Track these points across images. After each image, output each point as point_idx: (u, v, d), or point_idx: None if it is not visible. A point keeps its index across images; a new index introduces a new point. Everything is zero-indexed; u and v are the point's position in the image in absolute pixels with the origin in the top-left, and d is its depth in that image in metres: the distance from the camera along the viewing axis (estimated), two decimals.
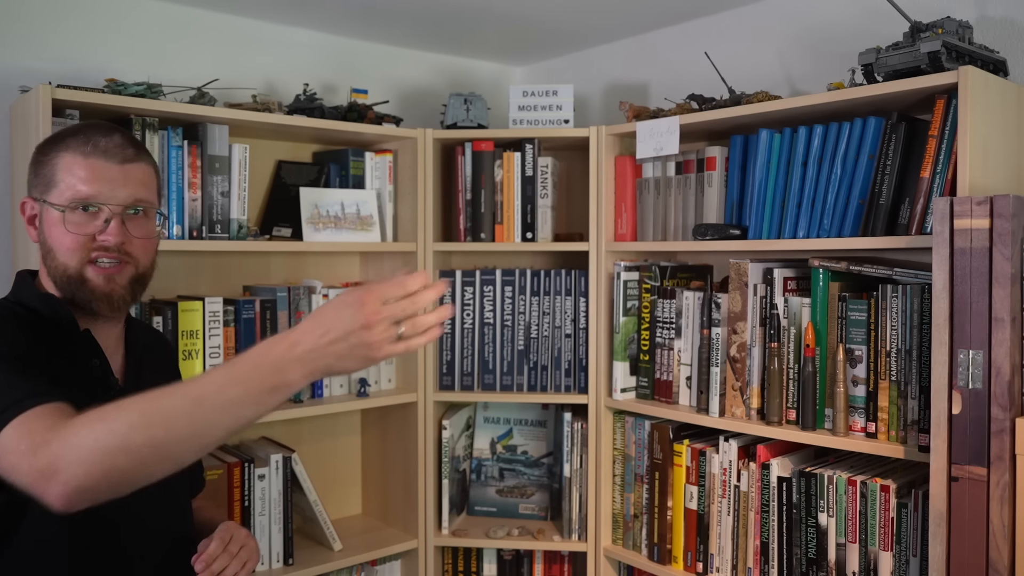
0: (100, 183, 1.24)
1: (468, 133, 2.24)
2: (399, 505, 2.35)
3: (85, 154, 1.24)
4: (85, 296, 1.25)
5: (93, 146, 1.25)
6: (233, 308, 2.02)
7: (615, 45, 2.58)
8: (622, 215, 2.20)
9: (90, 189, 1.23)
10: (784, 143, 1.86)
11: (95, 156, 1.24)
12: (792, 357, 1.81)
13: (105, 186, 1.24)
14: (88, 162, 1.24)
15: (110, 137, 1.27)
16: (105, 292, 1.25)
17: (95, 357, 1.27)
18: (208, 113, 1.92)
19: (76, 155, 1.24)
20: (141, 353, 1.39)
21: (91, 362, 1.27)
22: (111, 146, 1.26)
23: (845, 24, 2.02)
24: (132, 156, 1.28)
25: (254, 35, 2.30)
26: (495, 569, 2.41)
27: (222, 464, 1.97)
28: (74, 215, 1.23)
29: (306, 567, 2.07)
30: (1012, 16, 1.76)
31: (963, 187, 1.51)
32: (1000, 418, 1.36)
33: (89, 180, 1.23)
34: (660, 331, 2.10)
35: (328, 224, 2.19)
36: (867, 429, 1.69)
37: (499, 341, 2.27)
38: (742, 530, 1.90)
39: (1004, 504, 1.37)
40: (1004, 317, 1.36)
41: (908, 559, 1.62)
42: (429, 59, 2.67)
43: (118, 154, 1.26)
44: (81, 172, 1.23)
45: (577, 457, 2.26)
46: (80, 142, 1.25)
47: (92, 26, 2.05)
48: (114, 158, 1.25)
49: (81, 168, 1.23)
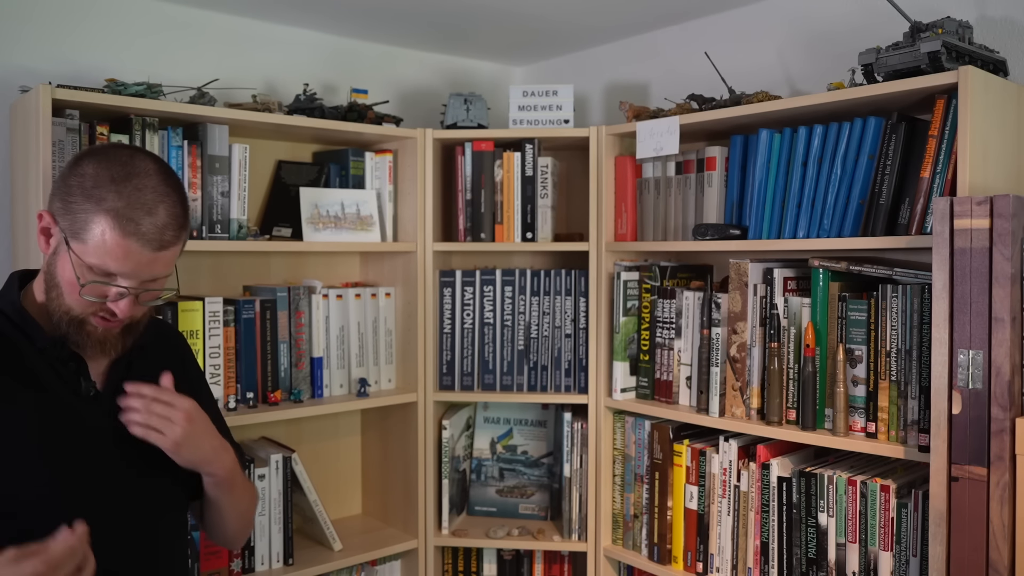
0: (129, 266, 1.19)
1: (468, 133, 2.24)
2: (399, 505, 2.35)
3: (125, 234, 1.17)
4: (80, 338, 1.23)
5: (136, 226, 1.18)
6: (233, 308, 2.02)
7: (615, 45, 2.58)
8: (622, 215, 2.20)
9: (118, 268, 1.19)
10: (784, 143, 1.86)
11: (133, 239, 1.18)
12: (792, 357, 1.81)
13: (133, 268, 1.20)
14: (125, 243, 1.18)
15: (153, 217, 1.20)
16: (99, 339, 1.24)
17: (71, 361, 1.26)
18: (208, 113, 1.92)
19: (115, 230, 1.17)
20: (131, 353, 1.34)
21: (67, 366, 1.25)
22: (152, 230, 1.19)
23: (845, 24, 2.02)
24: (171, 240, 1.22)
25: (254, 35, 2.30)
26: (495, 569, 2.41)
27: None
28: (95, 281, 1.20)
29: (306, 567, 2.07)
30: (1012, 16, 1.76)
31: (963, 187, 1.51)
32: (1000, 418, 1.36)
33: (119, 260, 1.18)
34: (660, 331, 2.10)
35: (328, 224, 2.19)
36: (867, 429, 1.69)
37: (499, 341, 2.27)
38: (742, 530, 1.90)
39: (1004, 504, 1.37)
40: (1004, 317, 1.36)
41: (908, 559, 1.62)
42: (429, 59, 2.67)
43: (156, 240, 1.20)
44: (116, 251, 1.18)
45: (577, 457, 2.26)
46: (124, 214, 1.17)
47: (92, 26, 2.05)
48: (151, 244, 1.20)
49: (117, 247, 1.18)
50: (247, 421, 1.98)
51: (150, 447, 1.30)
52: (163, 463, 1.32)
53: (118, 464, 1.27)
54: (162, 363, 1.40)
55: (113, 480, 1.26)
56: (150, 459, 1.31)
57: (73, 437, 1.23)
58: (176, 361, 1.46)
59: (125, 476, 1.28)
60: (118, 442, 1.27)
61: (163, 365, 1.38)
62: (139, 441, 1.29)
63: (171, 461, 1.33)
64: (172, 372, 1.39)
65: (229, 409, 1.99)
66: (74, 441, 1.23)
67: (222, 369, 1.99)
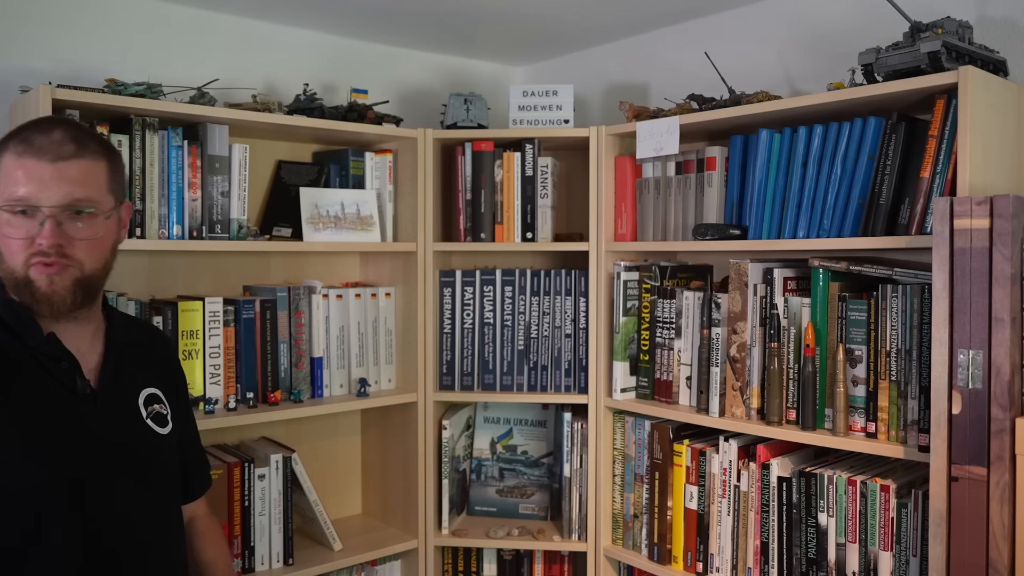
0: (32, 184, 1.19)
1: (468, 133, 2.24)
2: (399, 505, 2.35)
3: (18, 154, 1.20)
4: (29, 298, 1.22)
5: (27, 145, 1.20)
6: (233, 308, 2.02)
7: (615, 45, 2.58)
8: (622, 215, 2.20)
9: (24, 190, 1.19)
10: (784, 143, 1.86)
11: (28, 155, 1.20)
12: (792, 357, 1.81)
13: (37, 186, 1.19)
14: (21, 162, 1.20)
15: (48, 134, 1.21)
16: (46, 294, 1.22)
17: (63, 360, 1.25)
18: (208, 113, 1.92)
19: (11, 155, 1.20)
20: (120, 352, 1.34)
21: (60, 365, 1.25)
22: (46, 144, 1.20)
23: (845, 24, 2.02)
24: (70, 153, 1.22)
25: (254, 35, 2.30)
26: (495, 569, 2.41)
27: (222, 464, 1.97)
28: (13, 217, 1.19)
29: (306, 567, 2.07)
30: (1012, 16, 1.76)
31: (963, 187, 1.51)
32: (1000, 418, 1.36)
33: (22, 181, 1.19)
34: (660, 331, 2.10)
35: (328, 224, 2.19)
36: (867, 429, 1.69)
37: (499, 341, 2.27)
38: (742, 530, 1.90)
39: (1004, 504, 1.37)
40: (1004, 317, 1.36)
41: (908, 559, 1.62)
42: (429, 59, 2.67)
43: (51, 152, 1.20)
44: (16, 173, 1.19)
45: (577, 457, 2.26)
46: (17, 141, 1.21)
47: (92, 26, 2.05)
48: (46, 156, 1.20)
49: (16, 168, 1.20)
50: (247, 421, 1.98)
51: (144, 444, 1.30)
52: (157, 461, 1.33)
53: (112, 460, 1.27)
54: (153, 367, 1.41)
55: (108, 477, 1.26)
56: (144, 457, 1.31)
57: (68, 435, 1.23)
58: (167, 370, 1.47)
59: (119, 473, 1.28)
60: (112, 439, 1.27)
61: (154, 369, 1.40)
62: (132, 439, 1.30)
63: (165, 459, 1.34)
64: (162, 379, 1.42)
65: (229, 409, 1.99)
66: (70, 438, 1.23)
67: (222, 369, 1.99)
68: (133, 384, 1.36)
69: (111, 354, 1.33)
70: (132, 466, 1.30)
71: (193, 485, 1.52)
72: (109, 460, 1.27)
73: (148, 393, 1.37)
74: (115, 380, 1.32)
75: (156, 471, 1.34)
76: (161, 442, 1.36)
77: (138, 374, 1.37)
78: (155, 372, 1.42)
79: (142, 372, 1.38)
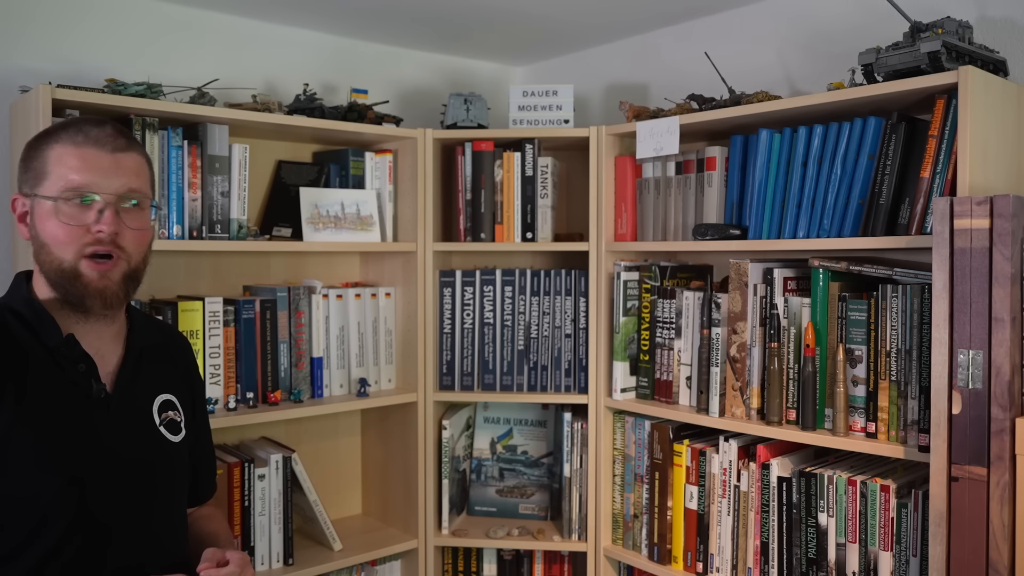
0: (93, 172, 1.22)
1: (468, 133, 2.24)
2: (399, 505, 2.35)
3: (77, 144, 1.22)
4: (79, 292, 1.22)
5: (84, 136, 1.23)
6: (233, 308, 2.02)
7: (615, 45, 2.58)
8: (622, 215, 2.20)
9: (83, 178, 1.21)
10: (784, 143, 1.86)
11: (87, 145, 1.23)
12: (792, 357, 1.81)
13: (98, 175, 1.22)
14: (80, 151, 1.22)
15: (101, 128, 1.26)
16: (99, 288, 1.22)
17: (81, 362, 1.24)
18: (208, 113, 1.92)
19: (67, 145, 1.22)
20: (140, 355, 1.34)
21: (77, 367, 1.24)
22: (103, 136, 1.24)
23: (845, 24, 2.02)
24: (124, 146, 1.26)
25: (254, 35, 2.30)
26: (495, 569, 2.41)
27: (222, 464, 1.97)
28: (67, 206, 1.21)
29: (306, 567, 2.07)
30: (1012, 16, 1.76)
31: (963, 187, 1.51)
32: (1000, 418, 1.36)
33: (81, 169, 1.21)
34: (660, 331, 2.10)
35: (328, 224, 2.19)
36: (867, 429, 1.69)
37: (499, 341, 2.27)
38: (742, 530, 1.90)
39: (1004, 504, 1.37)
40: (1004, 317, 1.36)
41: (908, 559, 1.62)
42: (429, 59, 2.67)
43: (109, 143, 1.24)
44: (73, 161, 1.21)
45: (577, 457, 2.26)
46: (71, 133, 1.24)
47: (92, 26, 2.05)
48: (105, 147, 1.24)
49: (73, 158, 1.22)
50: (247, 421, 1.98)
51: (154, 452, 1.30)
52: (166, 469, 1.33)
53: (120, 466, 1.27)
54: (171, 372, 1.41)
55: (114, 482, 1.26)
56: (152, 464, 1.31)
57: (78, 439, 1.23)
58: (184, 375, 1.46)
59: (127, 478, 1.28)
60: (121, 445, 1.27)
61: (171, 374, 1.40)
62: (143, 445, 1.29)
63: (175, 467, 1.34)
64: (178, 385, 1.41)
65: (229, 409, 1.99)
66: (79, 443, 1.23)
67: (222, 369, 1.99)
68: (149, 389, 1.35)
69: (130, 357, 1.32)
70: (140, 472, 1.29)
71: (201, 491, 1.52)
72: (116, 466, 1.26)
73: (163, 400, 1.36)
74: (131, 384, 1.31)
75: (164, 478, 1.33)
76: (172, 449, 1.35)
77: (155, 379, 1.36)
78: (172, 377, 1.41)
79: (159, 377, 1.37)
